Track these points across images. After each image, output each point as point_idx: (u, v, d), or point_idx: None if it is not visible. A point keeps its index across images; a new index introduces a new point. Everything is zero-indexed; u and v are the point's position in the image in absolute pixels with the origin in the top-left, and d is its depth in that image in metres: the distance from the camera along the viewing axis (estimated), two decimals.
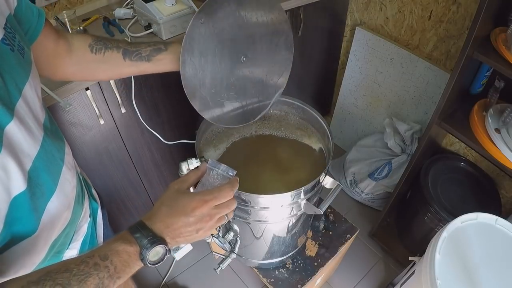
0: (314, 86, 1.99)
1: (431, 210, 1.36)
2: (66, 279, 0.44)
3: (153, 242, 0.50)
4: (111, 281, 0.47)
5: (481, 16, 0.90)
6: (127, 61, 0.70)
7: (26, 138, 0.50)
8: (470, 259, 0.95)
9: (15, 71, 0.50)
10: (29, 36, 0.60)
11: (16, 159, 0.48)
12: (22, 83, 0.52)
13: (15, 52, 0.50)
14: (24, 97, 0.51)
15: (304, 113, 1.02)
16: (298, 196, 0.84)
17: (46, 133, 0.56)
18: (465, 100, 1.21)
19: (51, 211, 0.57)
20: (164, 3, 1.14)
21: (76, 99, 1.05)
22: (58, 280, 0.43)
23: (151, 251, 0.50)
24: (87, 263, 0.46)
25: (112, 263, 0.47)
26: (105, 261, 0.47)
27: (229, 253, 1.09)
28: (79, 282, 0.44)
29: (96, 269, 0.46)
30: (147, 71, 0.73)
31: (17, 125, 0.48)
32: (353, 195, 1.89)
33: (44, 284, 0.42)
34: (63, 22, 1.09)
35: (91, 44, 0.69)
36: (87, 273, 0.45)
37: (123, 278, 0.49)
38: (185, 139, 1.30)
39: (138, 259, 0.50)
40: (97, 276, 0.45)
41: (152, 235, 0.50)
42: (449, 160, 1.51)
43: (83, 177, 0.79)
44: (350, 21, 1.81)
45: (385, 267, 1.66)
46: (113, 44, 0.70)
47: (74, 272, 0.44)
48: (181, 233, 0.53)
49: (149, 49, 0.70)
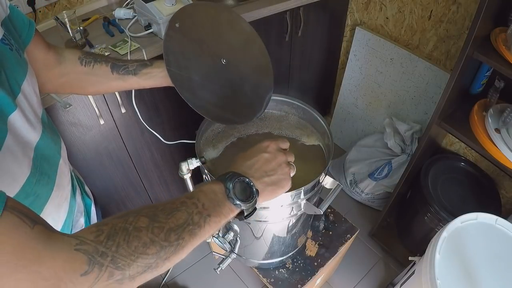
0: (314, 86, 1.99)
1: (431, 210, 1.36)
2: (152, 211, 0.43)
3: (237, 176, 0.51)
4: (201, 218, 0.46)
5: (481, 16, 0.90)
6: (115, 75, 0.72)
7: (28, 129, 0.52)
8: (470, 259, 0.95)
9: (15, 68, 0.52)
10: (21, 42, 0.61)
11: (21, 145, 0.49)
12: (21, 80, 0.53)
13: (13, 51, 0.52)
14: (23, 93, 0.53)
15: (304, 113, 1.02)
16: (298, 196, 0.84)
17: (44, 127, 0.58)
18: (465, 100, 1.21)
19: (54, 200, 0.58)
20: (164, 3, 1.14)
21: (76, 99, 1.05)
22: (142, 212, 0.42)
23: (236, 185, 0.51)
24: (173, 202, 0.45)
25: (199, 200, 0.47)
26: (192, 199, 0.47)
27: (229, 253, 1.09)
28: (166, 215, 0.43)
29: (184, 205, 0.45)
30: (133, 86, 0.75)
31: (20, 115, 0.50)
32: (353, 195, 1.89)
33: (127, 217, 0.41)
34: (63, 22, 1.09)
35: (81, 57, 0.71)
36: (174, 209, 0.44)
37: (214, 218, 0.47)
38: (185, 139, 1.30)
39: (225, 197, 0.50)
40: (186, 211, 0.45)
41: (234, 173, 0.52)
42: (449, 160, 1.51)
43: (75, 174, 0.81)
44: (350, 21, 1.81)
45: (385, 267, 1.66)
46: (102, 58, 0.72)
47: (160, 208, 0.44)
48: (265, 171, 0.56)
49: (135, 64, 0.73)
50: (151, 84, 0.74)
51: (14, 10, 0.58)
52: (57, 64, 0.70)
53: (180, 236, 0.43)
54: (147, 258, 0.40)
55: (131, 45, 1.13)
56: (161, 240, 0.41)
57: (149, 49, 1.13)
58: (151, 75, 0.73)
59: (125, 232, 0.39)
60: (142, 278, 0.40)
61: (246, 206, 0.51)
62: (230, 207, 0.50)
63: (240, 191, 0.51)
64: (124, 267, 0.38)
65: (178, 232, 0.43)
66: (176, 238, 0.43)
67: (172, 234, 0.42)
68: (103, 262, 0.37)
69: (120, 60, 0.74)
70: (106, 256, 0.37)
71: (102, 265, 0.37)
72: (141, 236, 0.40)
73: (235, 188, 0.50)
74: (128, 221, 0.41)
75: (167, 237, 0.42)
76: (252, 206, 0.52)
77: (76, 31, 1.12)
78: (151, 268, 0.41)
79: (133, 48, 1.13)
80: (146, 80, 0.73)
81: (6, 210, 0.33)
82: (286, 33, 1.51)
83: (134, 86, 0.75)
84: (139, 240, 0.40)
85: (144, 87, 0.75)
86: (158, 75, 0.72)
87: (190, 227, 0.44)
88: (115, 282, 0.38)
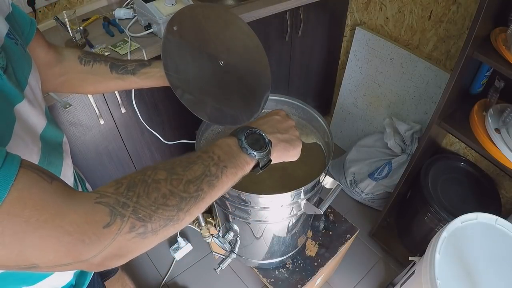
0: (314, 86, 1.99)
1: (431, 210, 1.36)
2: (169, 165, 0.43)
3: (249, 128, 0.53)
4: (218, 169, 0.47)
5: (481, 16, 0.90)
6: (114, 74, 0.73)
7: (34, 120, 0.52)
8: (470, 259, 0.95)
9: (21, 62, 0.52)
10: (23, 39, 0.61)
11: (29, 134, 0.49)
12: (27, 73, 0.54)
13: (19, 45, 0.52)
14: (30, 85, 0.53)
15: (304, 113, 1.02)
16: (298, 196, 0.84)
17: (48, 120, 0.58)
18: (465, 100, 1.21)
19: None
20: (164, 3, 1.14)
21: (76, 99, 1.05)
22: (159, 167, 0.43)
23: (248, 136, 0.52)
24: (189, 157, 0.46)
25: (215, 153, 0.48)
26: (207, 153, 0.48)
27: (229, 253, 1.09)
28: (183, 168, 0.44)
29: (200, 158, 0.46)
30: (132, 86, 0.75)
31: (27, 106, 0.50)
32: (353, 195, 1.89)
33: (145, 171, 0.42)
34: (63, 22, 1.09)
35: (80, 56, 0.72)
36: (191, 162, 0.45)
37: (231, 169, 0.49)
38: (185, 139, 1.31)
39: (239, 148, 0.51)
40: (202, 163, 0.46)
41: (247, 126, 0.54)
42: (449, 160, 1.51)
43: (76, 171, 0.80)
44: (350, 21, 1.81)
45: (385, 267, 1.66)
46: (101, 58, 0.73)
47: (177, 163, 0.45)
48: (278, 128, 0.59)
49: (134, 64, 0.74)
50: (150, 84, 0.75)
51: (16, 8, 0.59)
52: (57, 63, 0.70)
53: (199, 187, 0.44)
54: (167, 209, 0.40)
55: (131, 45, 1.13)
56: (180, 191, 0.42)
57: (149, 49, 1.13)
58: (149, 75, 0.73)
59: (145, 183, 0.40)
60: (165, 232, 0.40)
61: (260, 155, 0.52)
62: (245, 158, 0.51)
63: (252, 142, 0.53)
64: (145, 218, 0.38)
65: (197, 183, 0.44)
66: (195, 189, 0.43)
67: (191, 185, 0.43)
68: (125, 213, 0.37)
69: (119, 60, 0.74)
70: (127, 206, 0.37)
71: (124, 215, 0.37)
72: (160, 188, 0.40)
73: (247, 139, 0.52)
74: (146, 174, 0.41)
75: (186, 188, 0.42)
76: (266, 156, 0.54)
77: (76, 31, 1.12)
78: (173, 221, 0.41)
79: (133, 48, 1.13)
80: (145, 80, 0.74)
81: (23, 167, 0.34)
82: (286, 33, 1.51)
83: (133, 86, 0.75)
84: (159, 191, 0.40)
85: (143, 87, 0.75)
86: (156, 75, 0.73)
87: (208, 178, 0.45)
88: (138, 236, 0.38)
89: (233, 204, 0.88)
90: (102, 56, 0.74)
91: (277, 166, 0.95)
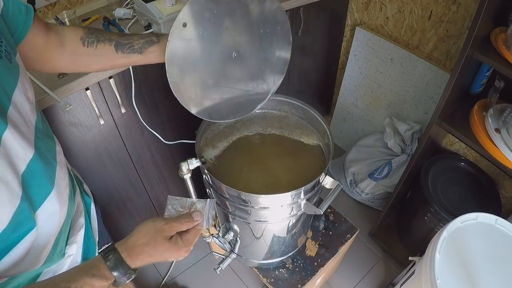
0: (314, 86, 1.99)
1: (431, 210, 1.36)
2: None
3: (129, 278, 0.54)
4: None
5: (481, 16, 0.90)
6: (119, 54, 0.70)
7: (21, 143, 0.51)
8: (470, 259, 0.95)
9: (4, 79, 0.50)
10: (17, 36, 0.59)
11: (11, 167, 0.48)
12: (11, 90, 0.52)
13: (3, 59, 0.50)
14: (14, 104, 0.51)
15: (304, 113, 1.02)
16: (298, 196, 0.84)
17: (38, 136, 0.56)
18: (465, 100, 1.21)
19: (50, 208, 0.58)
20: (164, 3, 1.14)
21: (76, 99, 1.04)
22: None
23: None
24: None
25: None
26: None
27: (229, 253, 1.09)
28: None
29: None
30: (138, 63, 0.73)
31: (11, 132, 0.49)
32: (353, 195, 1.89)
33: None
34: (63, 22, 1.09)
35: (83, 37, 0.69)
36: None
37: None
38: (185, 139, 1.31)
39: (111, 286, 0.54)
40: None
41: (129, 273, 0.54)
42: (449, 160, 1.51)
43: (74, 173, 0.80)
44: (350, 21, 1.81)
45: (385, 267, 1.66)
46: (105, 37, 0.70)
47: None
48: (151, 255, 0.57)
49: (141, 41, 0.70)
50: (157, 61, 0.72)
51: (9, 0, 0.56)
52: (58, 47, 0.67)
53: None
54: None
55: None
56: None
57: None
58: (157, 54, 0.71)
59: None
60: None
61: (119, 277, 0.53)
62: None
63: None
64: None
65: None
66: None
67: None
68: None
69: (125, 37, 0.71)
70: None
71: None
72: None
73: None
74: None
75: None
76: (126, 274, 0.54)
77: None
78: None
79: None
80: (152, 58, 0.71)
81: None
82: None
83: (138, 63, 0.73)
84: None
85: (148, 63, 0.73)
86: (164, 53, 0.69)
87: None
88: None
89: (233, 204, 0.88)
90: (107, 34, 0.70)
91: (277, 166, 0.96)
